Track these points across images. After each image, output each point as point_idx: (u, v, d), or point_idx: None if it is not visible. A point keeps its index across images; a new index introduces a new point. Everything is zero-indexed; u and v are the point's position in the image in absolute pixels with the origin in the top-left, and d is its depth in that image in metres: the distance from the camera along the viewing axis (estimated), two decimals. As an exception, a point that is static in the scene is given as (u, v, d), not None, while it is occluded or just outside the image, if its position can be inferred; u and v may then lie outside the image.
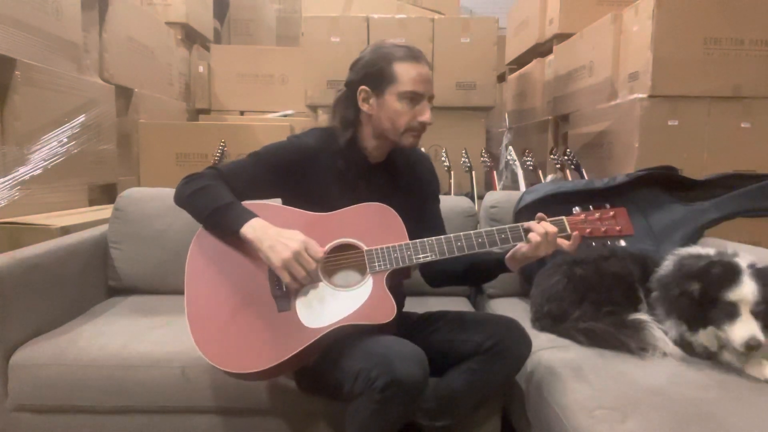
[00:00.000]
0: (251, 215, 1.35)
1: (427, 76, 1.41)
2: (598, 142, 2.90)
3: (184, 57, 4.48)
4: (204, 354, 1.30)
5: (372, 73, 1.40)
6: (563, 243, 1.35)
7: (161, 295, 2.01)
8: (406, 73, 1.38)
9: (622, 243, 1.40)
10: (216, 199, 1.38)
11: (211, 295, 1.36)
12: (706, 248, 1.59)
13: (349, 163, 1.47)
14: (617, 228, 1.38)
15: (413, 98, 1.39)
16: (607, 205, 1.40)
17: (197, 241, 1.43)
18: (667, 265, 1.60)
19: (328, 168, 1.46)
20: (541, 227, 1.34)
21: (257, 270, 1.37)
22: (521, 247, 1.38)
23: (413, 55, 1.40)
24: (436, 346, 1.43)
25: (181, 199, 1.44)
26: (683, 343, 1.51)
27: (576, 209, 1.40)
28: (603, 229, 1.38)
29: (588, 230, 1.38)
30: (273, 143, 1.49)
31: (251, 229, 1.33)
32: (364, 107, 1.44)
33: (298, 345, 1.28)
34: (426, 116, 1.41)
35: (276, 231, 1.32)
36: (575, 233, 1.36)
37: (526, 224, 1.37)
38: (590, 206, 1.41)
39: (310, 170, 1.45)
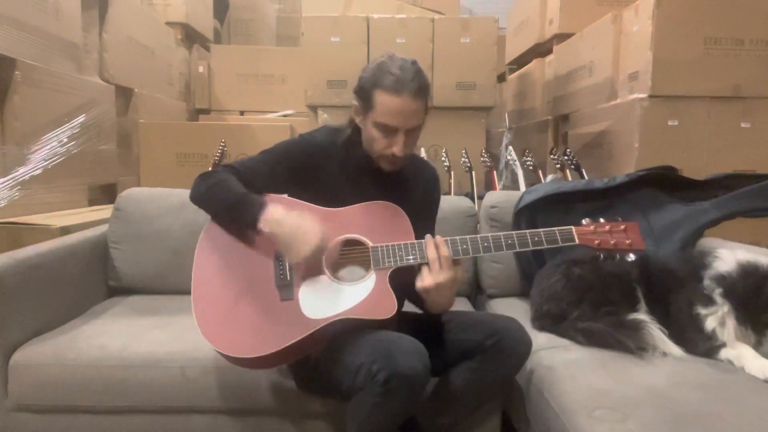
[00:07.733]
0: (266, 206, 1.36)
1: (405, 110, 1.35)
2: (598, 142, 2.90)
3: (184, 57, 4.48)
4: (205, 336, 1.32)
5: (361, 92, 1.41)
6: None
7: (161, 295, 2.01)
8: (383, 104, 1.35)
9: (631, 257, 1.37)
10: (231, 194, 1.40)
11: (216, 280, 1.39)
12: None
13: (358, 162, 1.48)
14: (627, 242, 1.36)
15: (387, 130, 1.38)
16: (619, 218, 1.39)
17: (207, 229, 1.46)
18: (729, 266, 1.52)
19: (338, 166, 1.48)
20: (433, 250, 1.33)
21: (263, 260, 1.41)
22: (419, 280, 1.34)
23: (397, 87, 1.33)
24: (436, 346, 1.42)
25: (197, 197, 1.46)
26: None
27: (585, 221, 1.38)
28: (612, 242, 1.36)
29: (597, 242, 1.37)
30: (285, 140, 1.53)
31: (267, 223, 1.34)
32: (356, 119, 1.46)
33: (297, 334, 1.29)
34: (396, 149, 1.38)
35: (294, 225, 1.33)
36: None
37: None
38: (600, 218, 1.39)
39: (322, 168, 1.47)
